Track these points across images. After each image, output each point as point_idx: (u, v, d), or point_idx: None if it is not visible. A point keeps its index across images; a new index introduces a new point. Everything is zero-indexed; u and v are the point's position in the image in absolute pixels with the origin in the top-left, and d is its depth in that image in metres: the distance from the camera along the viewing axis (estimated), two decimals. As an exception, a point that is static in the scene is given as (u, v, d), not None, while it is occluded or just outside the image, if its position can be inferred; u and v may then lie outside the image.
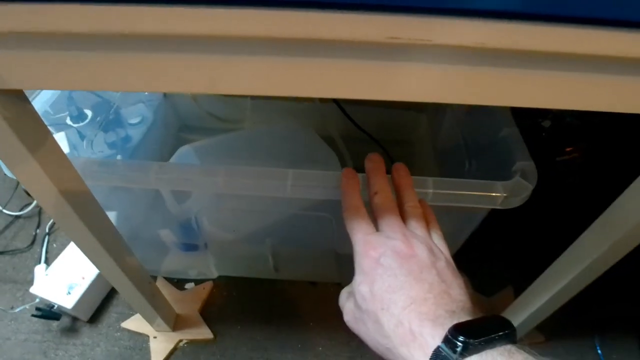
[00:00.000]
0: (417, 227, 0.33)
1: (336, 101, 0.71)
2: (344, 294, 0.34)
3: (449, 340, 0.24)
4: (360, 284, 0.30)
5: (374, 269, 0.30)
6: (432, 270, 0.29)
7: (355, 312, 0.31)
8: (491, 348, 0.24)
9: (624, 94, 0.23)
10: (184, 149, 0.64)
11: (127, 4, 0.20)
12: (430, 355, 0.25)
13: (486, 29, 0.20)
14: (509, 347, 0.24)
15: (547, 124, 0.86)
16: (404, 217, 0.34)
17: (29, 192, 0.36)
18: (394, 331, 0.27)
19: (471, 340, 0.23)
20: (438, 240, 0.34)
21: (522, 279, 0.60)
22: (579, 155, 0.85)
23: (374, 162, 0.37)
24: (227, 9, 0.20)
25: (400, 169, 0.38)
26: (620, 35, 0.20)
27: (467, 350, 0.23)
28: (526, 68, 0.22)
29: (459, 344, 0.23)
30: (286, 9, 0.20)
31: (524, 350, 0.24)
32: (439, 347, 0.24)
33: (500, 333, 0.24)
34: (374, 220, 0.34)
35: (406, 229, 0.32)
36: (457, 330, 0.24)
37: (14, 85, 0.26)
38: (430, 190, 0.42)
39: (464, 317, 0.26)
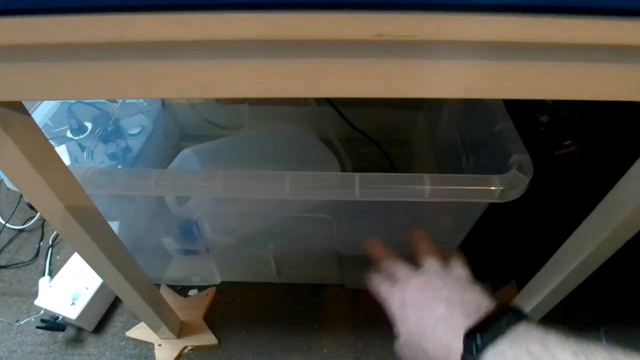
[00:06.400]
0: (431, 257, 0.37)
1: (332, 103, 0.72)
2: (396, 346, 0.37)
3: (466, 346, 0.27)
4: (400, 329, 0.34)
5: (402, 311, 0.34)
6: (447, 279, 0.33)
7: (407, 353, 0.34)
8: (501, 336, 0.26)
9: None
10: (185, 152, 0.65)
11: (117, 14, 0.21)
12: None
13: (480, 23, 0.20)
14: (517, 329, 0.26)
15: (544, 118, 0.86)
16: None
17: (33, 205, 0.36)
18: (435, 353, 0.30)
19: (479, 335, 0.26)
20: (457, 262, 0.37)
21: (525, 274, 0.60)
22: (578, 148, 0.85)
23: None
24: (216, 14, 0.20)
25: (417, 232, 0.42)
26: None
27: (483, 345, 0.26)
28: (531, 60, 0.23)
29: (473, 344, 0.26)
30: (276, 11, 0.20)
31: (531, 329, 0.26)
32: (463, 355, 0.27)
33: (503, 319, 0.27)
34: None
35: (413, 269, 0.36)
36: (469, 333, 0.27)
37: (12, 97, 0.26)
38: (427, 187, 0.43)
39: (480, 317, 0.28)
